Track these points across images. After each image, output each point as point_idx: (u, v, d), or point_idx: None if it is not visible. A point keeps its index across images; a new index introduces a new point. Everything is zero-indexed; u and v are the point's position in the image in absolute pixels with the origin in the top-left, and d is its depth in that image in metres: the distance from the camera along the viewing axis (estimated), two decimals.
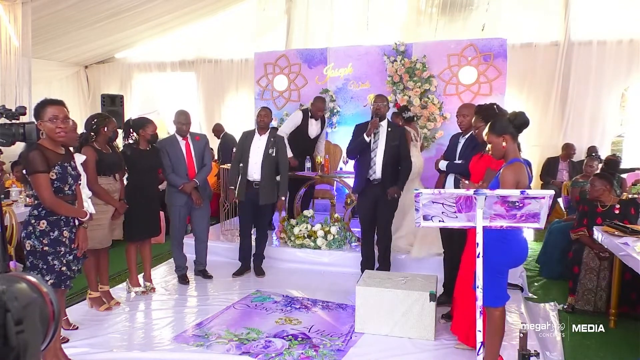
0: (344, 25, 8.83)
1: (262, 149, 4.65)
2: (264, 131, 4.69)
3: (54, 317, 0.76)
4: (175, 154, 4.44)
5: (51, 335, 0.77)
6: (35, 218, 2.77)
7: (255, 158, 4.64)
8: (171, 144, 4.48)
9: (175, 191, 4.46)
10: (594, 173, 4.99)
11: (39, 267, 2.77)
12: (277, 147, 4.66)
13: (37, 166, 2.65)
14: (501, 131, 2.66)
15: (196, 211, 4.58)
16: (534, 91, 7.93)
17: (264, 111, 4.71)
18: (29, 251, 2.77)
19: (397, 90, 6.69)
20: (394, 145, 4.24)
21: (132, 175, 4.10)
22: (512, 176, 2.56)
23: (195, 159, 4.52)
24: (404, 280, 3.60)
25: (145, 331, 3.59)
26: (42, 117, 2.66)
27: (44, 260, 2.78)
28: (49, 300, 0.76)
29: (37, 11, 6.88)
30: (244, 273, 4.84)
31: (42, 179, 2.68)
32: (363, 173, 4.33)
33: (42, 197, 2.72)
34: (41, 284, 0.77)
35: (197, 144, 4.56)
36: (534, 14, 7.93)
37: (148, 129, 4.13)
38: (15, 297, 0.68)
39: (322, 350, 3.23)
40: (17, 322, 0.66)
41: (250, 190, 4.64)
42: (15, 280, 0.73)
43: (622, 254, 3.33)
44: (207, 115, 9.81)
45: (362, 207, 4.45)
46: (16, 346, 0.65)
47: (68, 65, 10.12)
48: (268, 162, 4.62)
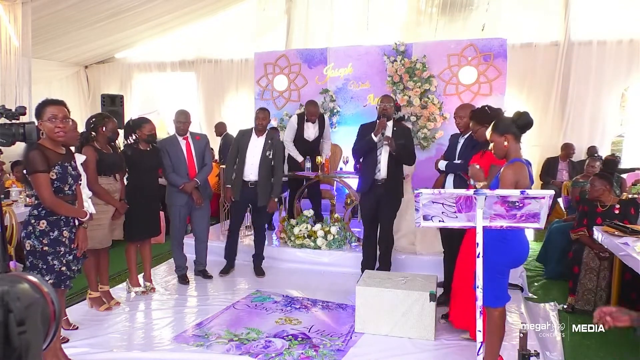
0: (344, 25, 8.83)
1: (259, 150, 4.64)
2: (262, 133, 4.69)
3: (54, 317, 0.76)
4: (175, 153, 4.44)
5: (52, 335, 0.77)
6: (35, 218, 2.77)
7: (252, 159, 4.64)
8: (171, 144, 4.47)
9: (175, 191, 4.46)
10: (594, 173, 5.00)
11: (39, 267, 2.77)
12: (274, 149, 4.66)
13: (37, 166, 2.65)
14: (503, 131, 2.67)
15: (196, 211, 4.58)
16: (534, 91, 7.93)
17: (262, 113, 4.69)
18: (29, 251, 2.78)
19: (397, 90, 6.69)
20: (400, 144, 4.22)
21: (132, 175, 4.10)
22: (511, 176, 2.56)
23: (195, 159, 4.52)
24: (404, 280, 3.60)
25: (145, 331, 3.59)
26: (42, 117, 2.66)
27: (43, 260, 2.78)
28: (50, 301, 0.76)
29: (37, 11, 6.88)
30: (229, 272, 4.86)
31: (42, 178, 2.68)
32: (368, 173, 4.32)
33: (42, 196, 2.72)
34: (42, 284, 0.77)
35: (197, 143, 4.55)
36: (534, 14, 7.94)
37: (144, 129, 4.11)
38: (18, 297, 0.68)
39: (322, 350, 3.24)
40: (19, 323, 0.66)
41: (246, 190, 4.65)
42: (17, 281, 0.74)
43: (622, 254, 3.33)
44: (207, 115, 9.81)
45: (364, 206, 4.45)
46: (19, 346, 0.65)
47: (68, 65, 10.12)
48: (265, 164, 4.62)
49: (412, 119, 6.62)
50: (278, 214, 6.31)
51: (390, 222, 4.40)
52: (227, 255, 4.90)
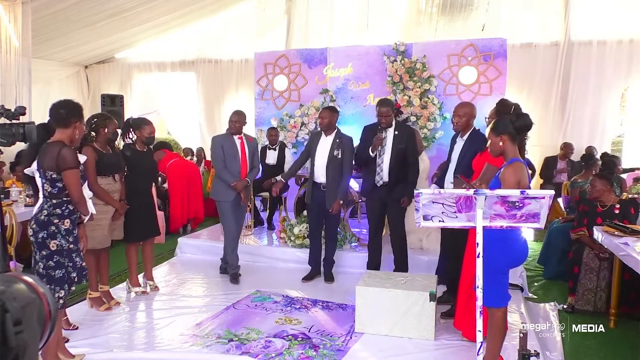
0: (344, 25, 8.83)
1: (326, 150, 4.45)
2: (329, 132, 4.50)
3: (50, 317, 0.76)
4: (230, 150, 4.49)
5: (47, 336, 0.77)
6: (59, 217, 2.85)
7: (320, 160, 4.49)
8: (226, 140, 4.53)
9: (225, 187, 4.49)
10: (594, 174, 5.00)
11: (65, 265, 2.86)
12: (342, 148, 4.45)
13: (71, 162, 2.79)
14: (500, 131, 2.69)
15: (237, 210, 4.62)
16: (534, 91, 7.92)
17: (235, 116, 4.53)
18: (55, 251, 2.83)
19: (397, 90, 6.69)
20: (400, 149, 4.17)
21: (129, 176, 4.01)
22: (512, 175, 2.58)
23: (248, 159, 4.57)
24: (404, 280, 3.60)
25: (145, 331, 3.59)
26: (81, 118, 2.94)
27: (69, 258, 2.87)
28: (45, 301, 0.76)
29: (37, 11, 6.88)
30: (314, 278, 4.72)
31: (76, 174, 2.83)
32: (369, 178, 4.30)
33: (74, 191, 2.84)
34: (38, 284, 0.77)
35: (250, 144, 4.61)
36: (534, 14, 7.94)
37: (144, 131, 4.08)
38: (14, 297, 0.68)
39: (322, 350, 3.23)
40: (16, 323, 0.66)
41: (318, 192, 4.51)
42: (13, 281, 0.74)
43: (622, 254, 3.33)
44: (207, 115, 9.81)
45: (370, 209, 4.42)
46: (15, 346, 0.65)
47: (68, 65, 10.12)
48: (333, 164, 4.43)
49: (412, 119, 6.61)
50: (278, 214, 6.34)
51: (400, 223, 4.30)
52: (311, 261, 4.79)
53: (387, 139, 4.22)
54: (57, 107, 2.85)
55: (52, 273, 2.82)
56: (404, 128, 4.38)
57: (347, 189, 4.71)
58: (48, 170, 2.80)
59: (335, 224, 4.74)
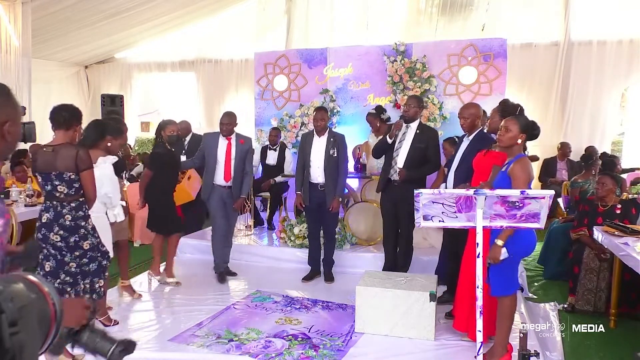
0: (344, 25, 8.83)
1: (322, 151, 4.49)
2: (323, 133, 4.51)
3: (55, 317, 0.75)
4: (210, 149, 4.53)
5: (52, 336, 0.76)
6: (83, 219, 3.01)
7: (316, 161, 4.50)
8: (212, 138, 4.59)
9: (211, 188, 4.55)
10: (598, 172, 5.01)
11: (98, 259, 3.06)
12: (337, 146, 4.47)
13: (89, 163, 2.93)
14: (524, 128, 2.78)
15: (224, 208, 4.63)
16: (534, 91, 7.92)
17: (226, 118, 4.56)
18: (89, 249, 3.01)
19: (397, 90, 6.68)
20: (418, 147, 4.15)
21: (160, 173, 4.33)
22: (521, 171, 2.67)
23: (234, 161, 4.51)
24: (404, 280, 3.60)
25: (145, 331, 3.58)
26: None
27: (100, 252, 3.09)
28: (50, 301, 0.75)
29: (37, 11, 6.88)
30: (314, 278, 4.71)
31: (92, 174, 2.98)
32: (385, 172, 4.30)
33: (92, 191, 2.98)
34: (43, 283, 0.77)
35: (240, 146, 4.56)
36: (534, 14, 7.93)
37: (166, 130, 4.39)
38: (11, 298, 0.68)
39: (322, 350, 3.23)
40: (11, 324, 0.65)
41: (315, 192, 4.52)
42: (12, 281, 0.73)
43: (622, 254, 3.32)
44: (207, 115, 9.80)
45: (384, 207, 4.41)
46: (11, 347, 0.64)
47: (68, 65, 10.12)
48: (330, 163, 4.46)
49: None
50: (278, 214, 6.33)
51: (410, 225, 4.18)
52: (310, 261, 4.77)
53: (407, 134, 4.21)
54: (60, 110, 2.96)
55: (86, 268, 2.99)
56: (427, 129, 4.40)
57: (344, 187, 4.73)
58: (66, 172, 2.87)
59: (334, 224, 4.73)
